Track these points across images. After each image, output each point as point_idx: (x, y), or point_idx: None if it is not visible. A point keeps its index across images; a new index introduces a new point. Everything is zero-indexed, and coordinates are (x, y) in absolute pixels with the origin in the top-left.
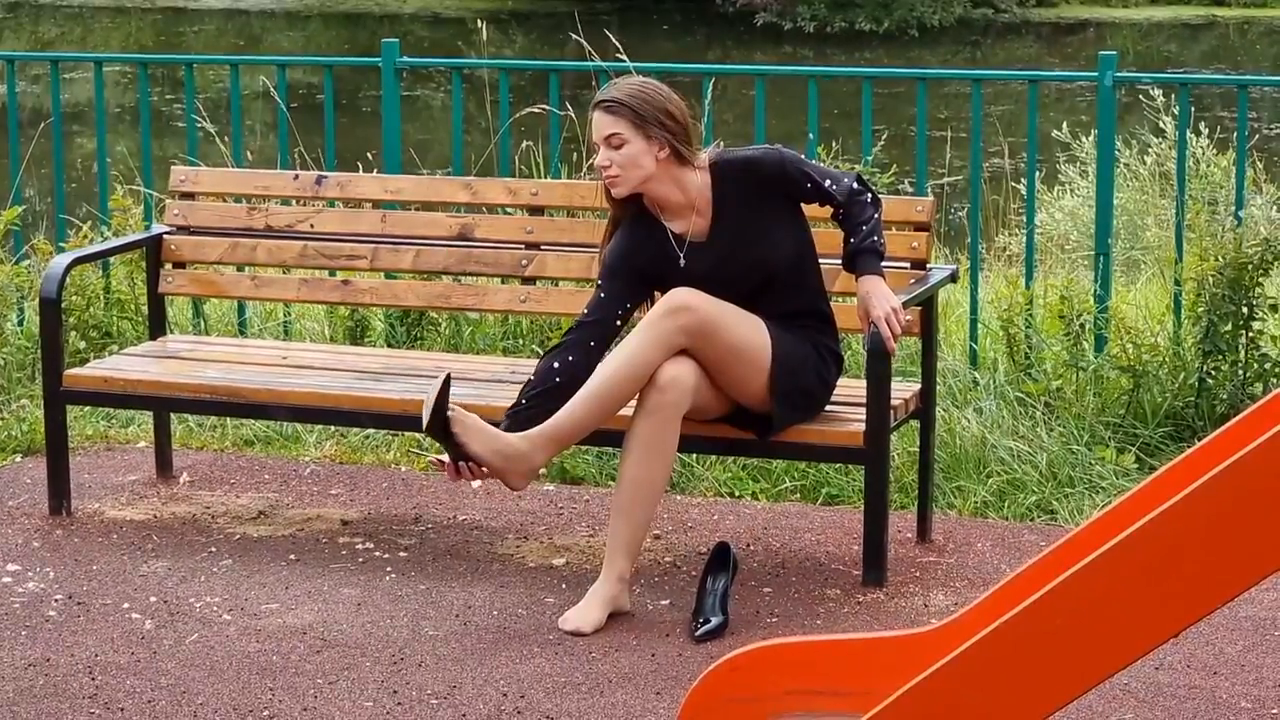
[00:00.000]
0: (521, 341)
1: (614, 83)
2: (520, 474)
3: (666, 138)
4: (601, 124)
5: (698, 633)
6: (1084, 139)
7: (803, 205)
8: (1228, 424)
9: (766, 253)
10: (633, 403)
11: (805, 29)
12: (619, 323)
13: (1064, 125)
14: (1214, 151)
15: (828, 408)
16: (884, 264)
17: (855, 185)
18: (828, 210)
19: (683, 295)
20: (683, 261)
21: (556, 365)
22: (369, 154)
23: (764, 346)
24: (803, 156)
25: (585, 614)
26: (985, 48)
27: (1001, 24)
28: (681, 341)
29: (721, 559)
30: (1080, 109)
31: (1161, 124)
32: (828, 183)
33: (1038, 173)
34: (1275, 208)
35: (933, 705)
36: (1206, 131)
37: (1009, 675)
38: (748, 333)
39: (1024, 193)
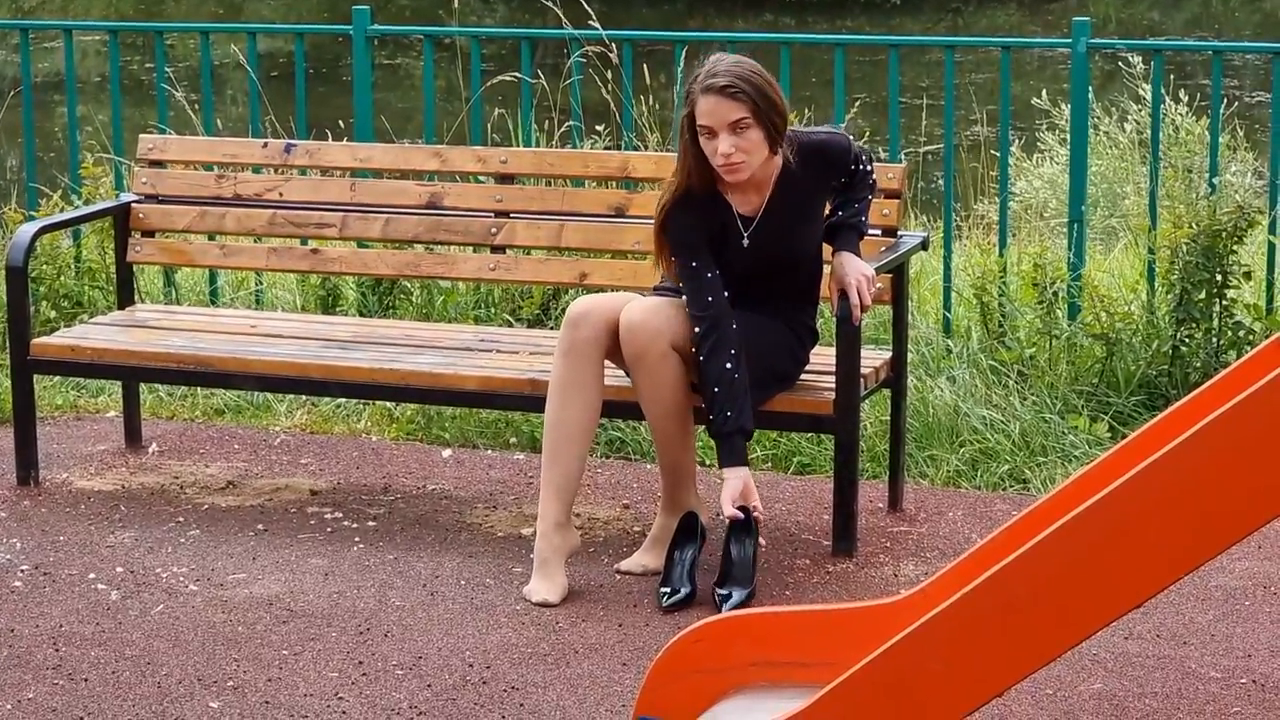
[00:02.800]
0: (494, 310)
1: (718, 62)
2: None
3: (777, 124)
4: (725, 109)
5: (665, 603)
6: (1064, 106)
7: None
8: (1196, 390)
9: (799, 247)
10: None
11: None
12: (725, 292)
13: (1044, 93)
14: (1193, 119)
15: (802, 377)
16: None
17: (867, 166)
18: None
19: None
20: (746, 241)
21: (730, 367)
22: (340, 123)
23: None
24: (845, 135)
25: (546, 583)
26: (967, 15)
27: None
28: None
29: (689, 529)
30: (1063, 77)
31: (1141, 91)
32: (862, 164)
33: (1019, 140)
34: (1253, 174)
35: (896, 675)
36: (1186, 98)
37: (972, 645)
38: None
39: (999, 170)
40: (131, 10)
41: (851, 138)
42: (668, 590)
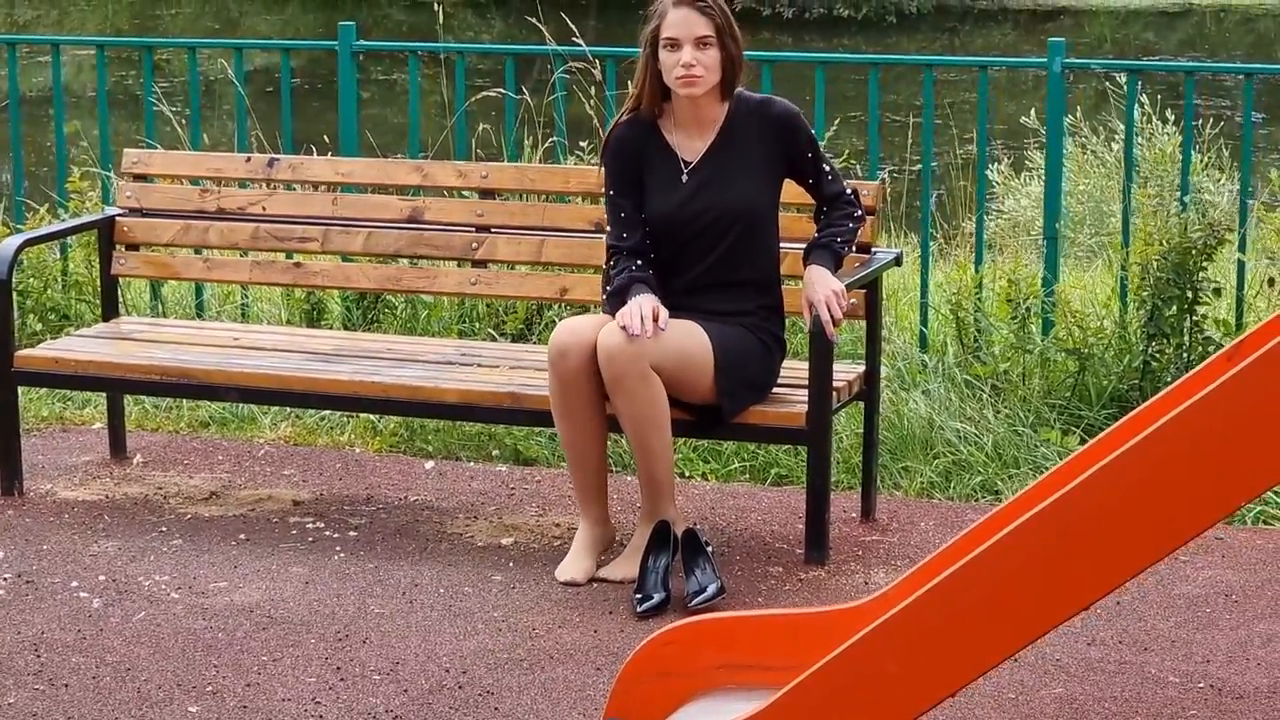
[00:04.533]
0: (477, 325)
1: None
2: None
3: (735, 58)
4: (694, 22)
5: (640, 609)
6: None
7: (790, 179)
8: (1155, 397)
9: (739, 196)
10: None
11: (784, 14)
12: (647, 236)
13: (1033, 112)
14: (1168, 147)
15: (775, 390)
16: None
17: (848, 192)
18: (809, 198)
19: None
20: (685, 177)
21: (633, 269)
22: (326, 138)
23: (702, 351)
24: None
25: (576, 565)
26: (963, 34)
27: (979, 10)
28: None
29: (663, 538)
30: None
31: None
32: (826, 169)
33: (1009, 159)
34: (1228, 200)
35: (852, 676)
36: (1173, 118)
37: (927, 645)
38: (686, 345)
39: (990, 178)
40: (127, 25)
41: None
42: (640, 596)
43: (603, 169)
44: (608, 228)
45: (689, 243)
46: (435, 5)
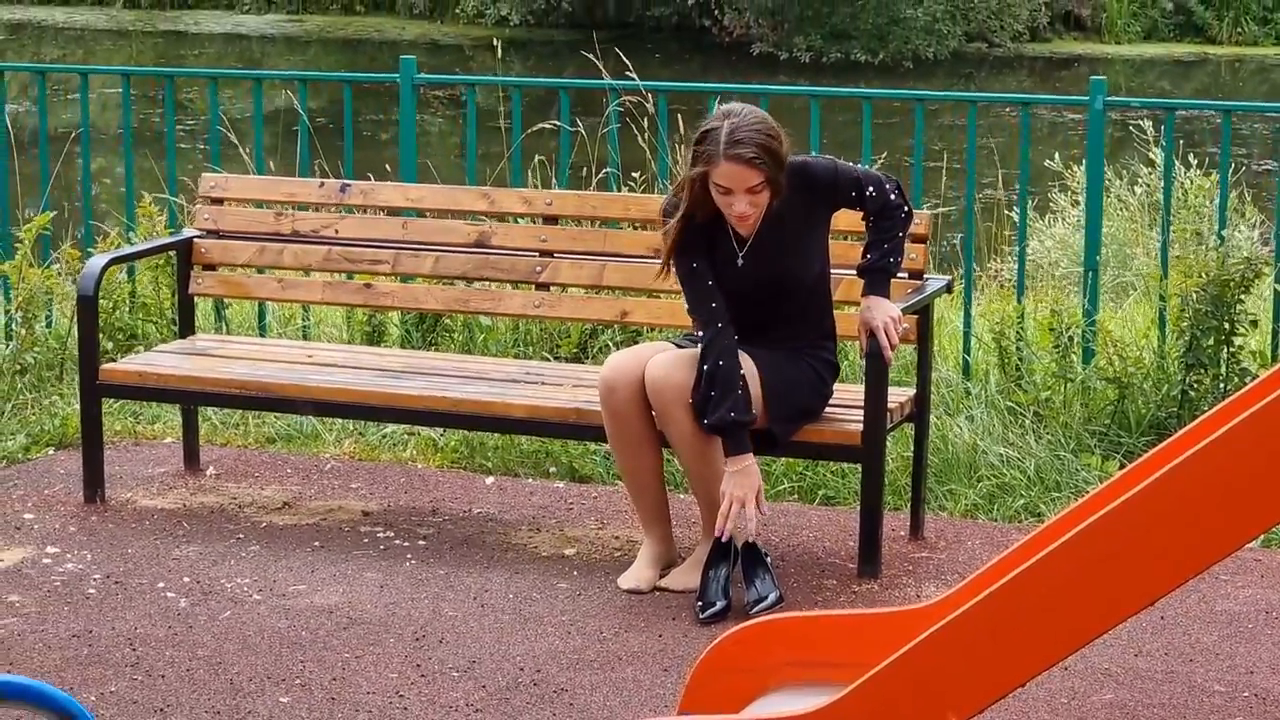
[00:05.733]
0: (532, 349)
1: (739, 124)
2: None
3: (783, 179)
4: (746, 176)
5: (702, 615)
6: (1076, 168)
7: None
8: (1194, 422)
9: (797, 267)
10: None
11: (801, 59)
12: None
13: (1056, 156)
14: (1203, 179)
15: (828, 409)
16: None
17: (893, 197)
18: (860, 225)
19: (654, 371)
20: (740, 261)
21: (722, 364)
22: (386, 167)
23: (751, 382)
24: (853, 165)
25: (639, 575)
26: (979, 80)
27: (995, 58)
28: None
29: (723, 550)
30: (1073, 142)
31: (1151, 155)
32: (869, 190)
33: (1032, 201)
34: (1259, 237)
35: (915, 674)
36: (1195, 163)
37: (984, 647)
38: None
39: (1016, 220)
40: (151, 64)
41: (836, 159)
42: (703, 604)
43: (672, 264)
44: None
45: (746, 309)
46: (494, 42)
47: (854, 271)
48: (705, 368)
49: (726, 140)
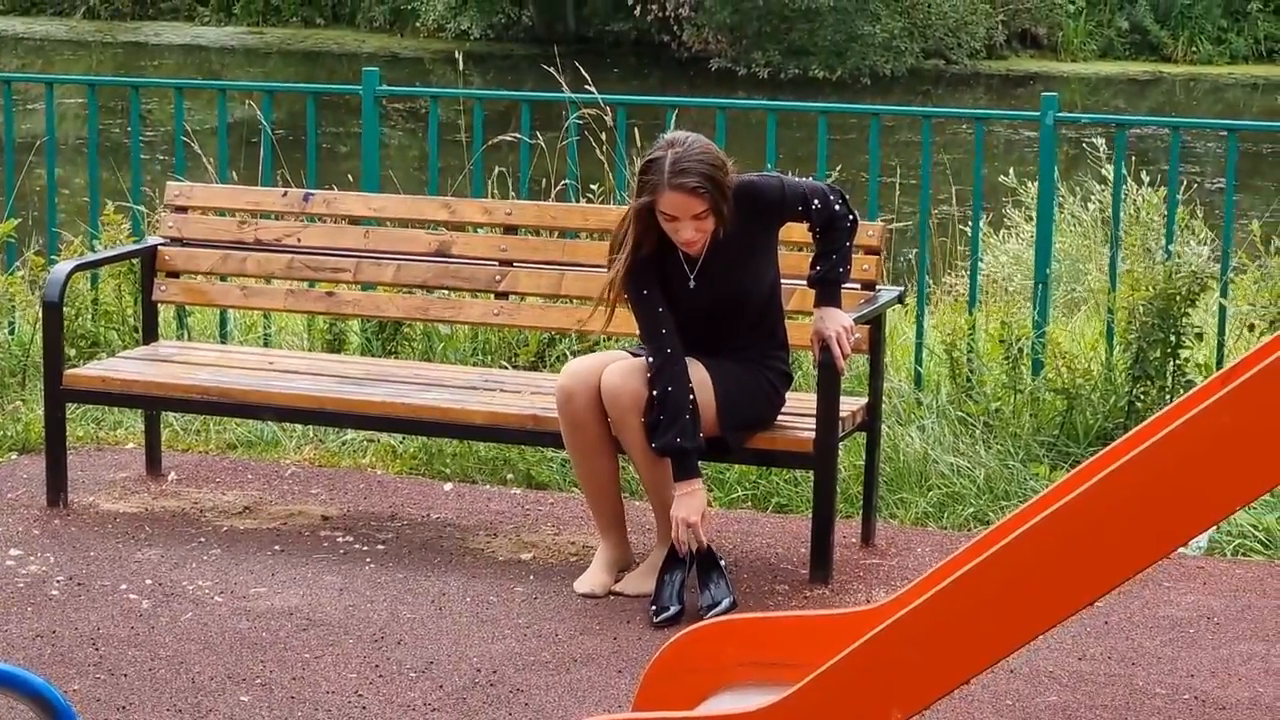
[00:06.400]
0: (491, 357)
1: (684, 154)
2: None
3: (726, 207)
4: (690, 205)
5: (656, 619)
6: (1030, 185)
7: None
8: (1136, 428)
9: (749, 284)
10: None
11: (759, 75)
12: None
13: (1010, 172)
14: (1154, 195)
15: (780, 417)
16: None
17: (837, 207)
18: (809, 237)
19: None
20: (692, 283)
21: (671, 390)
22: (349, 178)
23: (704, 391)
24: (799, 179)
25: (594, 579)
26: (936, 98)
27: (952, 75)
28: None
29: (677, 555)
30: (1028, 159)
31: (1104, 172)
32: (815, 203)
33: (986, 217)
34: (1209, 251)
35: (861, 671)
36: (1149, 179)
37: (928, 645)
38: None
39: (970, 234)
40: (110, 75)
41: (783, 175)
42: (657, 608)
43: (626, 293)
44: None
45: (700, 327)
46: (456, 54)
47: (805, 283)
48: (655, 393)
49: (671, 170)
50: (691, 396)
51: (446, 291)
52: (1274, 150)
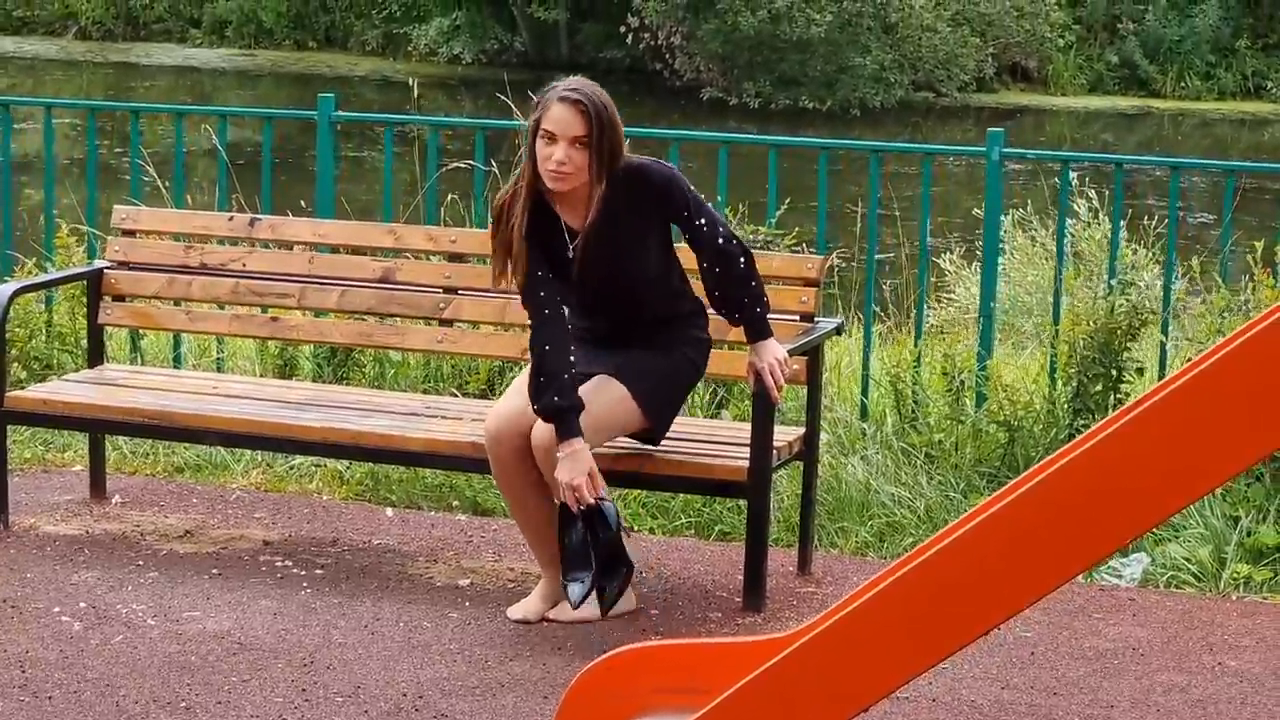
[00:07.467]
0: (441, 384)
1: (577, 79)
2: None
3: (614, 148)
4: (572, 122)
5: (575, 597)
6: (1004, 218)
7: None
8: (1059, 450)
9: (634, 265)
10: None
11: (750, 105)
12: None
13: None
14: (1124, 235)
15: (716, 447)
16: (773, 317)
17: (731, 245)
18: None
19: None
20: (571, 252)
21: (550, 349)
22: (301, 203)
23: (624, 407)
24: (692, 187)
25: (530, 608)
26: (926, 129)
27: (942, 107)
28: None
29: (567, 514)
30: (1012, 191)
31: (1076, 206)
32: (701, 220)
33: (962, 249)
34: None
35: (770, 693)
36: (1103, 214)
37: (840, 665)
38: (613, 412)
39: (943, 267)
40: (101, 96)
41: (676, 170)
42: (566, 582)
43: (497, 243)
44: (523, 294)
45: (585, 302)
46: (409, 81)
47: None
48: (534, 356)
49: (564, 87)
50: (571, 358)
51: (393, 318)
52: (1256, 186)
